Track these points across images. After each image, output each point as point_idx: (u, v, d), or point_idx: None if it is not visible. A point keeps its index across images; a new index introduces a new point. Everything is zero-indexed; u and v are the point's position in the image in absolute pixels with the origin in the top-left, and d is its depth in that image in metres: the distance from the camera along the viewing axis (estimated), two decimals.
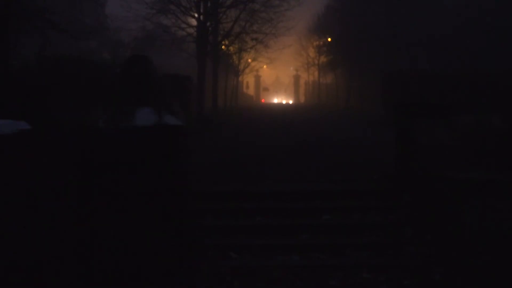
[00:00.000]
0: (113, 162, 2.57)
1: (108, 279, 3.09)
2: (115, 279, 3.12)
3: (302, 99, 67.27)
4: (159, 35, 23.01)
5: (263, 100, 66.33)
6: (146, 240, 3.02)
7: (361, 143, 12.93)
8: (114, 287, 3.10)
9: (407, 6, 23.53)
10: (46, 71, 12.02)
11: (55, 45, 13.56)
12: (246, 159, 9.79)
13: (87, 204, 2.70)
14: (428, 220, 6.12)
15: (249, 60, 37.00)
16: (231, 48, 28.41)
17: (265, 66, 37.36)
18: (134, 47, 26.11)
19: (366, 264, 5.48)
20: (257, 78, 63.55)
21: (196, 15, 21.58)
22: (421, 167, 6.38)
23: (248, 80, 57.15)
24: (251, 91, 63.92)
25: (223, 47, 25.70)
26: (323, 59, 43.15)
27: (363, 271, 5.35)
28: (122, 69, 3.15)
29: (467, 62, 19.71)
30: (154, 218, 2.84)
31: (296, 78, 68.03)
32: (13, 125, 3.00)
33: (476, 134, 7.24)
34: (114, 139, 2.69)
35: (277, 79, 78.28)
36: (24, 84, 9.79)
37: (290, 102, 67.83)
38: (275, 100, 73.21)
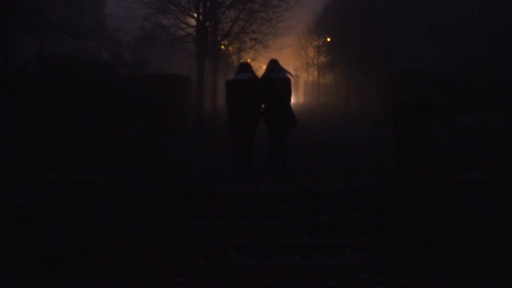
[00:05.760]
0: (271, 84, 8.09)
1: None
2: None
3: (301, 99, 67.29)
4: (158, 35, 22.98)
5: None
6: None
7: (360, 143, 12.93)
8: None
9: (406, 6, 23.52)
10: (46, 71, 12.01)
11: (54, 45, 13.55)
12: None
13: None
14: (428, 220, 6.11)
15: (249, 60, 36.97)
16: (230, 48, 28.40)
17: (264, 66, 37.33)
18: (134, 47, 26.12)
19: (366, 264, 5.48)
20: None
21: (195, 15, 21.58)
22: (421, 167, 6.37)
23: None
24: None
25: (222, 47, 25.67)
26: (322, 59, 43.21)
27: (363, 271, 5.34)
28: (269, 64, 8.39)
29: (467, 62, 19.71)
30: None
31: (296, 78, 68.08)
32: (246, 75, 7.99)
33: (476, 134, 7.25)
34: (272, 79, 8.12)
35: None
36: (23, 84, 9.78)
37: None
38: None
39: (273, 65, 8.27)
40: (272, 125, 8.22)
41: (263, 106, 8.23)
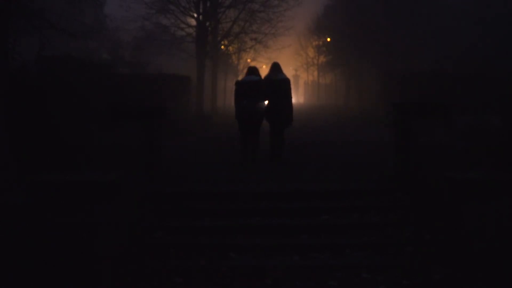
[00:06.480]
0: (272, 85, 9.23)
1: None
2: None
3: (301, 99, 67.29)
4: (158, 35, 22.97)
5: None
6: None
7: (360, 143, 12.93)
8: None
9: (407, 6, 23.51)
10: (46, 71, 12.00)
11: (54, 45, 13.55)
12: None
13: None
14: (428, 220, 6.11)
15: (249, 60, 36.94)
16: (230, 48, 28.38)
17: (264, 66, 37.23)
18: (134, 47, 26.08)
19: (366, 264, 5.48)
20: None
21: (195, 15, 21.57)
22: (421, 167, 6.38)
23: None
24: None
25: (222, 47, 25.67)
26: (322, 59, 43.19)
27: (363, 271, 5.34)
28: (271, 67, 9.49)
29: (467, 62, 19.71)
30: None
31: (296, 78, 68.06)
32: (254, 77, 9.13)
33: (476, 134, 7.25)
34: (272, 80, 9.27)
35: None
36: (24, 84, 9.77)
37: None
38: None
39: (274, 68, 9.42)
40: (272, 119, 9.27)
41: (266, 103, 9.31)
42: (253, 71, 9.38)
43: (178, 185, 7.46)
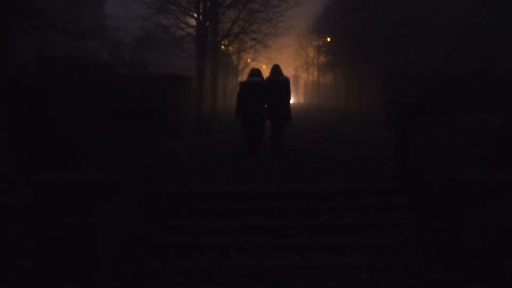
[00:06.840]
0: (274, 85, 9.88)
1: None
2: None
3: (301, 99, 67.30)
4: (158, 35, 22.96)
5: None
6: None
7: (360, 143, 12.93)
8: None
9: (407, 5, 23.51)
10: (46, 71, 12.00)
11: (54, 45, 13.54)
12: (242, 161, 9.78)
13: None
14: (428, 220, 6.11)
15: (249, 60, 36.94)
16: (230, 48, 28.35)
17: (264, 66, 37.23)
18: (134, 47, 26.09)
19: (366, 264, 5.48)
20: None
21: (195, 15, 21.55)
22: (421, 167, 6.38)
23: None
24: None
25: (222, 47, 25.64)
26: (322, 59, 43.18)
27: (363, 271, 5.34)
28: (272, 68, 10.16)
29: (467, 61, 19.70)
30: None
31: (296, 78, 68.08)
32: (257, 78, 9.89)
33: (476, 134, 7.24)
34: (274, 81, 9.89)
35: None
36: (23, 84, 9.77)
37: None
38: None
39: (276, 70, 10.14)
40: (273, 117, 9.94)
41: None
42: (256, 72, 10.10)
43: (178, 185, 7.46)
